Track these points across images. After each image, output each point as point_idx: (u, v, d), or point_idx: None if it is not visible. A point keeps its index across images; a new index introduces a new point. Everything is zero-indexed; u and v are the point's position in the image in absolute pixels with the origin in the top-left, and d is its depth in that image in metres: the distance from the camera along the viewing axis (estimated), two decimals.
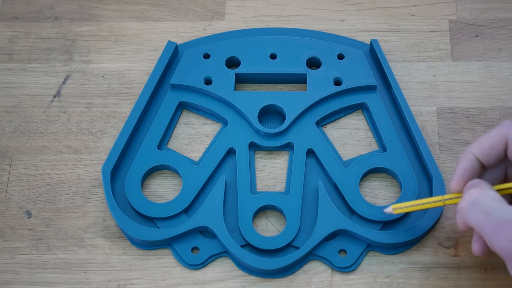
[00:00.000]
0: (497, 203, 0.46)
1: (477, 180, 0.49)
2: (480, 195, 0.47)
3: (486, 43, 0.65)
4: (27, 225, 0.58)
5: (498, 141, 0.48)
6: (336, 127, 0.61)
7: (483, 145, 0.49)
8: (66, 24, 0.67)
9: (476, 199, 0.47)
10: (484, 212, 0.46)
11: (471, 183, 0.49)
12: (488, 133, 0.49)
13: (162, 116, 0.61)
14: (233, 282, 0.55)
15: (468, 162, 0.49)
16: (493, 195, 0.47)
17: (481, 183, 0.48)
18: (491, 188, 0.48)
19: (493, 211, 0.45)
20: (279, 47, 0.63)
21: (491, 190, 0.47)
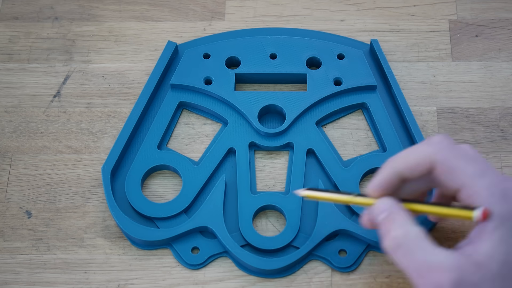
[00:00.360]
0: (422, 244, 0.44)
1: (389, 204, 0.47)
2: (405, 236, 0.45)
3: (486, 43, 0.65)
4: (27, 225, 0.58)
5: (423, 160, 0.46)
6: (336, 127, 0.61)
7: (407, 161, 0.47)
8: (66, 24, 0.67)
9: (402, 242, 0.45)
10: (409, 255, 0.44)
11: (383, 207, 0.47)
12: (415, 148, 0.47)
13: (162, 116, 0.61)
14: (233, 282, 0.55)
15: (388, 175, 0.47)
16: (418, 233, 0.45)
17: (398, 211, 0.46)
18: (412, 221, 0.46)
19: (419, 254, 0.44)
20: (279, 47, 0.63)
21: (413, 226, 0.45)
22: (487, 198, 0.44)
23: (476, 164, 0.45)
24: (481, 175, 0.44)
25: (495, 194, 0.43)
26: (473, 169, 0.45)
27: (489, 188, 0.44)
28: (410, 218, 0.46)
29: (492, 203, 0.43)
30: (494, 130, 0.61)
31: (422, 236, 0.45)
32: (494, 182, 0.44)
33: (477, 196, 0.44)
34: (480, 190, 0.44)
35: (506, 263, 0.43)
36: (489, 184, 0.44)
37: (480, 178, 0.44)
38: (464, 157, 0.45)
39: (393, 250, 0.45)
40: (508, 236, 0.43)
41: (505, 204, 0.43)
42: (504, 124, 0.61)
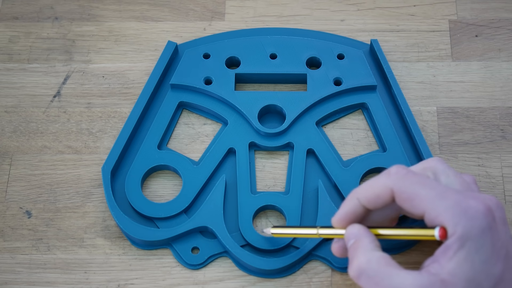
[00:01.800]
0: (384, 269, 0.45)
1: (356, 230, 0.48)
2: (368, 262, 0.46)
3: (486, 43, 0.65)
4: (27, 225, 0.58)
5: (383, 192, 0.47)
6: (336, 127, 0.61)
7: (368, 194, 0.48)
8: (66, 24, 0.67)
9: (365, 269, 0.46)
10: (374, 281, 0.45)
11: (351, 234, 0.48)
12: (375, 180, 0.48)
13: (162, 116, 0.61)
14: (233, 282, 0.55)
15: (351, 207, 0.49)
16: (380, 259, 0.46)
17: (363, 238, 0.47)
18: (375, 247, 0.47)
19: (382, 280, 0.45)
20: (279, 47, 0.63)
21: (376, 252, 0.46)
22: (449, 219, 0.44)
23: (434, 188, 0.46)
24: (440, 198, 0.45)
25: (456, 213, 0.44)
26: (432, 193, 0.45)
27: (450, 209, 0.44)
28: (375, 244, 0.47)
29: (454, 223, 0.44)
30: (494, 130, 0.61)
31: (384, 261, 0.46)
32: (454, 202, 0.45)
33: (439, 218, 0.45)
34: (441, 212, 0.45)
35: (472, 280, 0.43)
36: (449, 205, 0.45)
37: (439, 201, 0.45)
38: (422, 183, 0.46)
39: (356, 278, 0.46)
40: (472, 254, 0.44)
41: (467, 222, 0.44)
42: (504, 124, 0.61)
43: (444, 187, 0.46)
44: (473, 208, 0.44)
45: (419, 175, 0.47)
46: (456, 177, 0.49)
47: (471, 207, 0.44)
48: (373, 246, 0.47)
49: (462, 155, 0.59)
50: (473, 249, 0.44)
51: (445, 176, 0.49)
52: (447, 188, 0.46)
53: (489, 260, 0.44)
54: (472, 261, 0.44)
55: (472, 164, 0.59)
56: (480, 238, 0.44)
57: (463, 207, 0.44)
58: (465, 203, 0.45)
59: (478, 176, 0.58)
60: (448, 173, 0.49)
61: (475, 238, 0.44)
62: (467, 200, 0.45)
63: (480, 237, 0.44)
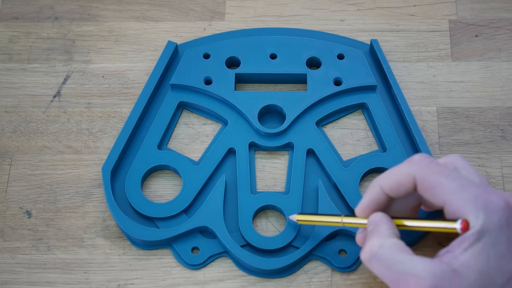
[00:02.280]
0: (397, 254, 0.45)
1: (378, 217, 0.48)
2: (380, 247, 0.46)
3: (486, 43, 0.65)
4: (27, 225, 0.58)
5: (405, 180, 0.47)
6: (336, 127, 0.61)
7: (391, 182, 0.48)
8: (66, 24, 0.67)
9: (376, 253, 0.46)
10: (385, 265, 0.46)
11: (373, 220, 0.48)
12: (397, 168, 0.48)
13: (162, 116, 0.61)
14: (233, 282, 0.55)
15: (374, 195, 0.49)
16: (393, 244, 0.46)
17: (381, 224, 0.48)
18: (392, 234, 0.47)
19: (394, 264, 0.45)
20: (279, 47, 0.63)
21: (390, 238, 0.47)
22: (470, 211, 0.45)
23: (457, 180, 0.46)
24: (462, 189, 0.45)
25: (477, 207, 0.44)
26: (454, 184, 0.46)
27: (471, 202, 0.45)
28: (392, 231, 0.47)
29: (475, 216, 0.44)
30: (494, 130, 0.61)
31: (397, 247, 0.46)
32: (475, 195, 0.45)
33: (460, 210, 0.45)
34: (462, 204, 0.45)
35: (484, 273, 0.44)
36: (470, 198, 0.45)
37: (461, 193, 0.45)
38: (444, 173, 0.46)
39: (367, 261, 0.47)
40: (488, 248, 0.44)
41: (487, 216, 0.44)
42: (504, 124, 0.61)
43: (465, 180, 0.46)
44: (494, 202, 0.45)
45: (441, 165, 0.47)
46: (476, 174, 0.49)
47: (492, 202, 0.45)
48: (389, 232, 0.47)
49: (462, 155, 0.59)
50: (489, 243, 0.44)
51: (466, 171, 0.49)
52: (469, 181, 0.46)
53: (504, 255, 0.44)
54: (487, 255, 0.44)
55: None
56: (497, 233, 0.44)
57: (484, 201, 0.45)
58: (486, 197, 0.45)
59: None
60: (469, 169, 0.49)
61: (493, 233, 0.44)
62: (488, 194, 0.45)
63: (498, 232, 0.44)
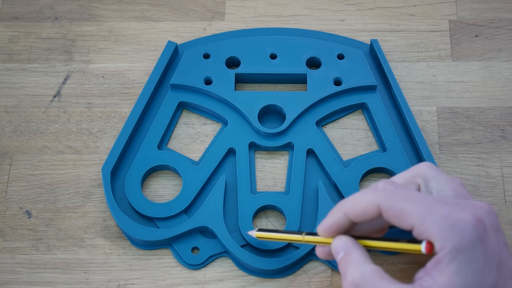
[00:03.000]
0: (378, 283, 0.45)
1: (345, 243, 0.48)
2: (362, 277, 0.46)
3: (486, 43, 0.65)
4: (27, 225, 0.58)
5: (370, 208, 0.47)
6: (336, 127, 0.61)
7: (355, 209, 0.48)
8: (66, 24, 0.67)
9: (359, 284, 0.46)
10: None
11: (341, 246, 0.48)
12: (362, 195, 0.48)
13: (162, 116, 0.61)
14: (233, 282, 0.55)
15: (338, 219, 0.49)
16: (374, 272, 0.46)
17: (353, 251, 0.47)
18: (367, 259, 0.47)
19: None
20: (279, 47, 0.63)
21: (368, 265, 0.46)
22: (437, 233, 0.44)
23: (422, 203, 0.46)
24: (428, 212, 0.45)
25: (444, 228, 0.44)
26: (420, 209, 0.45)
27: (438, 223, 0.44)
28: (366, 256, 0.47)
29: (443, 237, 0.44)
30: (494, 130, 0.61)
31: (378, 274, 0.46)
32: (443, 216, 0.45)
33: (427, 233, 0.45)
34: (429, 226, 0.45)
35: None
36: (437, 220, 0.45)
37: (427, 216, 0.45)
38: (410, 199, 0.46)
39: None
40: (464, 266, 0.44)
41: (456, 235, 0.44)
42: (504, 124, 0.61)
43: (432, 200, 0.46)
44: (462, 220, 0.44)
45: (406, 189, 0.47)
46: (447, 183, 0.48)
47: (459, 220, 0.44)
48: (364, 258, 0.47)
49: (462, 155, 0.59)
50: (464, 261, 0.44)
51: (436, 182, 0.49)
52: (435, 201, 0.46)
53: (481, 271, 0.44)
54: (464, 274, 0.43)
55: (472, 164, 0.59)
56: (471, 251, 0.44)
57: (452, 221, 0.44)
58: (453, 216, 0.44)
59: (478, 176, 0.58)
60: (439, 179, 0.49)
61: (466, 251, 0.44)
62: (456, 212, 0.45)
63: (471, 249, 0.44)
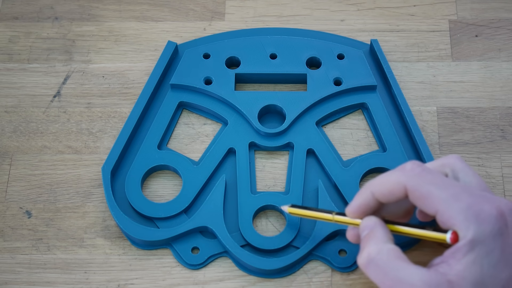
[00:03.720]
0: (394, 261, 0.46)
1: (372, 222, 0.48)
2: (378, 253, 0.46)
3: (486, 43, 0.65)
4: (27, 225, 0.58)
5: (396, 188, 0.47)
6: (336, 127, 0.61)
7: (382, 189, 0.48)
8: (66, 24, 0.67)
9: (374, 258, 0.46)
10: (381, 272, 0.46)
11: (367, 225, 0.48)
12: (389, 175, 0.48)
13: (162, 116, 0.61)
14: (233, 282, 0.55)
15: (365, 199, 0.49)
16: (391, 251, 0.46)
17: (377, 229, 0.48)
18: (388, 239, 0.47)
19: (390, 271, 0.45)
20: (279, 47, 0.63)
21: (388, 244, 0.47)
22: (461, 222, 0.44)
23: (449, 189, 0.46)
24: (453, 199, 0.45)
25: (468, 217, 0.44)
26: (445, 194, 0.45)
27: (463, 212, 0.45)
28: (388, 237, 0.48)
29: (466, 226, 0.44)
30: (494, 130, 0.61)
31: (395, 254, 0.46)
32: (468, 205, 0.45)
33: (451, 220, 0.45)
34: (454, 214, 0.45)
35: (478, 283, 0.44)
36: (462, 208, 0.45)
37: (453, 203, 0.45)
38: (436, 183, 0.46)
39: (364, 266, 0.47)
40: (481, 257, 0.44)
41: (478, 226, 0.44)
42: (504, 124, 0.61)
43: (458, 188, 0.46)
44: (486, 212, 0.44)
45: (434, 173, 0.47)
46: (474, 176, 0.49)
47: (483, 211, 0.44)
48: (386, 238, 0.47)
49: (462, 155, 0.59)
50: (482, 253, 0.44)
51: (464, 174, 0.49)
52: (462, 189, 0.46)
53: (497, 264, 0.44)
54: (481, 265, 0.44)
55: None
56: (490, 243, 0.44)
57: (476, 211, 0.44)
58: (478, 206, 0.45)
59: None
60: (467, 171, 0.49)
61: (485, 243, 0.44)
62: (481, 203, 0.45)
63: (490, 241, 0.44)
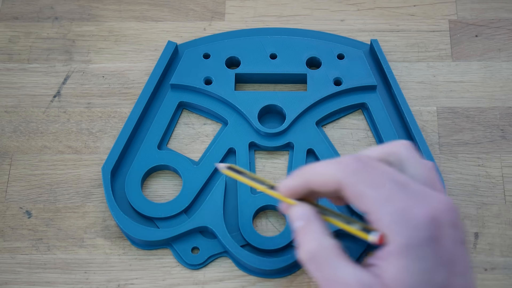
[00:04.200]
0: (332, 258, 0.45)
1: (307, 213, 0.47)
2: (319, 247, 0.45)
3: (486, 43, 0.65)
4: (27, 225, 0.58)
5: (330, 182, 0.46)
6: (336, 127, 0.61)
7: (317, 180, 0.47)
8: (66, 24, 0.67)
9: (315, 254, 0.45)
10: (320, 267, 0.45)
11: (302, 215, 0.47)
12: (326, 167, 0.46)
13: (162, 116, 0.61)
14: (233, 282, 0.55)
15: (300, 183, 0.47)
16: (331, 246, 0.45)
17: (314, 221, 0.47)
18: (326, 232, 0.46)
19: (329, 268, 0.45)
20: (279, 47, 0.63)
21: (327, 239, 0.46)
22: (389, 226, 0.43)
23: (382, 189, 0.44)
24: (385, 201, 0.44)
25: (398, 221, 0.43)
26: (378, 195, 0.44)
27: (392, 216, 0.43)
28: (325, 229, 0.46)
29: (395, 231, 0.43)
30: (494, 130, 0.61)
31: (334, 250, 0.45)
32: (398, 209, 0.44)
33: (380, 223, 0.44)
34: (383, 217, 0.44)
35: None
36: (393, 211, 0.44)
37: (383, 205, 0.44)
38: (371, 181, 0.45)
39: (307, 262, 0.46)
40: (413, 263, 0.43)
41: (409, 232, 0.43)
42: (504, 124, 0.61)
43: (393, 188, 0.44)
44: (416, 217, 0.43)
45: (370, 170, 0.45)
46: (420, 167, 0.47)
47: (414, 217, 0.43)
48: (324, 231, 0.46)
49: (462, 155, 0.59)
50: (413, 258, 0.43)
51: (409, 164, 0.47)
52: (398, 189, 0.44)
53: (430, 269, 0.43)
54: (413, 271, 0.43)
55: (472, 164, 0.59)
56: (421, 248, 0.43)
57: (406, 216, 0.43)
58: (409, 211, 0.43)
59: (478, 176, 0.58)
60: (413, 161, 0.47)
61: (416, 248, 0.43)
62: (413, 208, 0.44)
63: (421, 247, 0.43)
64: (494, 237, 0.56)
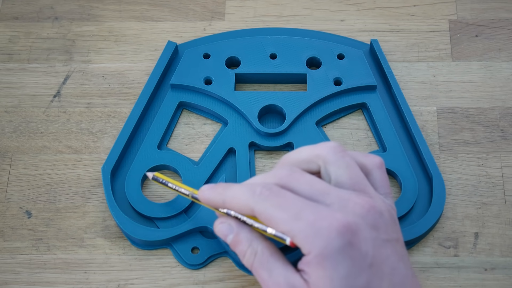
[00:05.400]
0: (267, 261, 0.47)
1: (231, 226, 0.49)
2: (255, 255, 0.48)
3: (486, 43, 0.65)
4: (27, 225, 0.58)
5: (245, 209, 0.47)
6: (336, 127, 0.61)
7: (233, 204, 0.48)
8: (66, 24, 0.67)
9: (252, 263, 0.48)
10: (257, 272, 0.47)
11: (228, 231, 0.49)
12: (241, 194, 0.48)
13: (162, 116, 0.61)
14: (233, 282, 0.55)
15: (217, 203, 0.49)
16: (265, 249, 0.48)
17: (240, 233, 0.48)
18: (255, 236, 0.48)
19: (264, 270, 0.47)
20: (279, 47, 0.63)
21: (259, 242, 0.48)
22: (303, 240, 0.45)
23: (290, 210, 0.46)
24: (294, 220, 0.45)
25: (309, 235, 0.44)
26: (286, 215, 0.45)
27: (303, 231, 0.45)
28: (254, 233, 0.48)
29: (309, 243, 0.44)
30: (494, 130, 0.61)
31: (266, 252, 0.48)
32: (307, 224, 0.45)
33: (295, 238, 0.45)
34: (296, 233, 0.45)
35: None
36: (302, 228, 0.45)
37: (293, 224, 0.45)
38: (280, 204, 0.46)
39: (251, 270, 0.48)
40: (330, 271, 0.44)
41: (321, 243, 0.44)
42: (504, 124, 0.61)
43: (301, 206, 0.46)
44: (327, 227, 0.44)
45: (281, 194, 0.46)
46: (346, 170, 0.48)
47: (324, 228, 0.44)
48: (253, 235, 0.48)
49: (462, 155, 0.59)
50: (330, 267, 0.44)
51: (335, 167, 0.48)
52: (305, 206, 0.45)
53: (349, 274, 0.44)
54: (331, 278, 0.44)
55: (472, 164, 0.59)
56: (336, 257, 0.44)
57: (316, 229, 0.44)
58: (318, 224, 0.45)
59: (478, 176, 0.58)
60: (339, 164, 0.48)
61: (331, 257, 0.44)
62: (322, 220, 0.45)
63: (336, 255, 0.44)
64: (494, 237, 0.56)
